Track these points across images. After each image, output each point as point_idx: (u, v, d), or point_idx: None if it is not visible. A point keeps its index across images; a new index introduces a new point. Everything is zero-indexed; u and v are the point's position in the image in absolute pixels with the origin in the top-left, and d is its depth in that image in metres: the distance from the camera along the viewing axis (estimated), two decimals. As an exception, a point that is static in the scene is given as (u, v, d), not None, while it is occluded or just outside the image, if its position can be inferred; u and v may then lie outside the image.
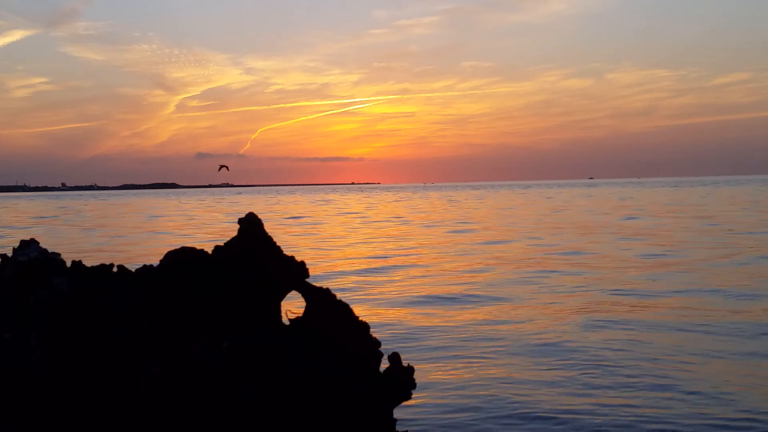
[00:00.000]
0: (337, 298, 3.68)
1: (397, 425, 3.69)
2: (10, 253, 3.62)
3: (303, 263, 3.70)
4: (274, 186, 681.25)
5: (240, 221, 3.70)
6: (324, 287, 3.69)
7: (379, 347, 3.66)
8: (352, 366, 3.59)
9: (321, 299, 3.66)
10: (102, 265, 3.63)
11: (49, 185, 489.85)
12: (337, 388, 3.55)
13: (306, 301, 3.69)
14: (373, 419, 3.57)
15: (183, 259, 3.62)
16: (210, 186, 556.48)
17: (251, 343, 3.54)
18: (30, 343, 3.41)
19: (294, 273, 3.66)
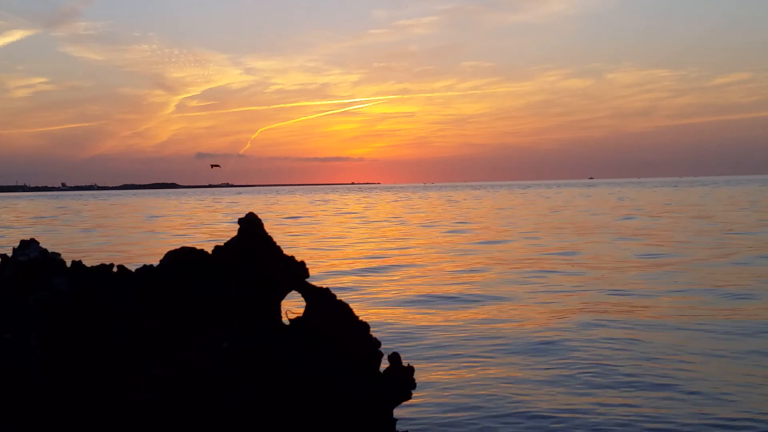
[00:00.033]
0: (337, 298, 3.69)
1: (397, 425, 3.69)
2: (10, 253, 3.62)
3: (303, 263, 3.70)
4: (274, 186, 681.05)
5: (240, 221, 3.71)
6: (324, 287, 3.69)
7: (379, 347, 3.66)
8: (352, 366, 3.59)
9: (321, 299, 3.66)
10: (102, 265, 3.63)
11: (49, 185, 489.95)
12: (337, 388, 3.55)
13: (306, 301, 3.69)
14: (373, 419, 3.58)
15: (183, 259, 3.62)
16: (210, 186, 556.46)
17: (251, 343, 3.54)
18: (30, 343, 3.42)
19: (294, 273, 3.66)
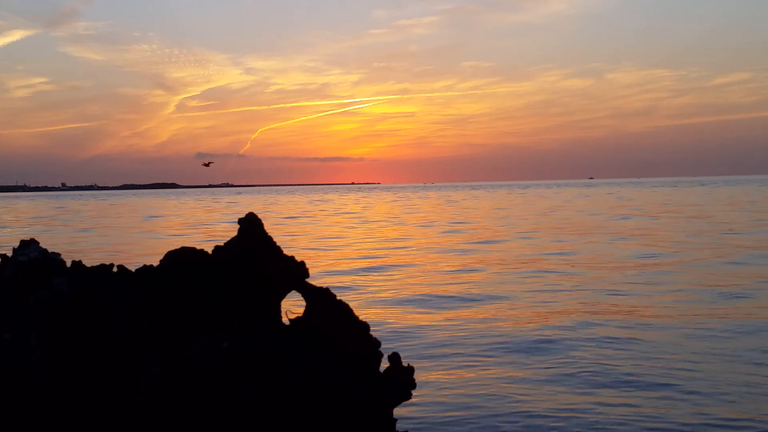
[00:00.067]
0: (337, 298, 3.68)
1: (397, 424, 3.69)
2: (10, 253, 3.62)
3: (303, 263, 3.70)
4: (274, 186, 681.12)
5: (240, 221, 3.70)
6: (324, 287, 3.69)
7: (379, 347, 3.66)
8: (352, 366, 3.59)
9: (321, 299, 3.65)
10: (102, 265, 3.63)
11: (49, 185, 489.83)
12: (337, 388, 3.55)
13: (306, 301, 3.68)
14: (373, 419, 3.57)
15: (183, 259, 3.61)
16: (210, 186, 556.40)
17: (251, 343, 3.54)
18: (30, 343, 3.41)
19: (294, 273, 3.66)
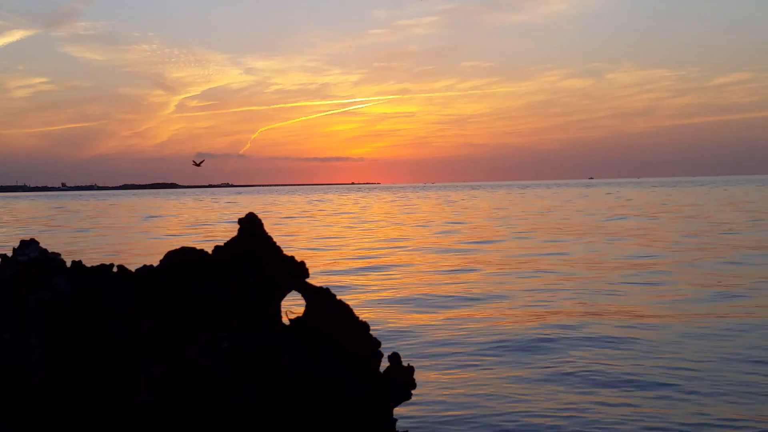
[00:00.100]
0: (337, 298, 3.68)
1: (397, 424, 3.69)
2: (10, 253, 3.61)
3: (303, 263, 3.70)
4: (274, 186, 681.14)
5: (240, 221, 3.70)
6: (324, 287, 3.69)
7: (380, 347, 3.65)
8: (352, 366, 3.59)
9: (321, 299, 3.65)
10: (102, 265, 3.63)
11: (49, 185, 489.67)
12: (337, 388, 3.55)
13: (306, 301, 3.68)
14: (373, 419, 3.57)
15: (183, 259, 3.61)
16: (210, 186, 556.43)
17: (251, 343, 3.54)
18: (30, 343, 3.41)
19: (294, 273, 3.66)
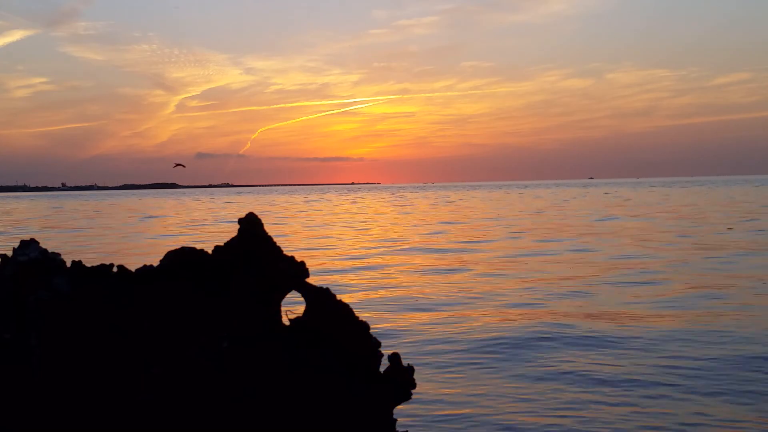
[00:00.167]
0: (337, 298, 3.68)
1: (397, 424, 3.69)
2: (10, 253, 3.61)
3: (303, 263, 3.70)
4: (274, 186, 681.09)
5: (240, 221, 3.70)
6: (324, 287, 3.69)
7: (380, 347, 3.65)
8: (352, 366, 3.59)
9: (321, 299, 3.65)
10: (102, 265, 3.63)
11: (49, 185, 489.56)
12: (337, 388, 3.54)
13: (306, 301, 3.68)
14: (373, 419, 3.57)
15: (183, 259, 3.61)
16: (210, 186, 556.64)
17: (251, 343, 3.53)
18: (30, 343, 3.41)
19: (294, 273, 3.65)
